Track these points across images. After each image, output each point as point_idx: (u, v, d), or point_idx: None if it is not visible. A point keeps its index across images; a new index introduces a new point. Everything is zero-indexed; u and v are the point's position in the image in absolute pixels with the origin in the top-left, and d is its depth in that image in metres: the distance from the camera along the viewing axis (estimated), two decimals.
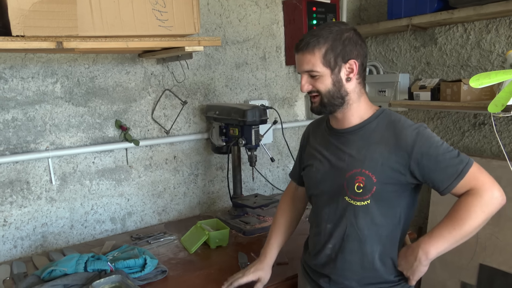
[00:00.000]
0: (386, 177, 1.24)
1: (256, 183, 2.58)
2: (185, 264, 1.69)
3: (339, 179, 1.31)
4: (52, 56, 1.87)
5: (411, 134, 1.23)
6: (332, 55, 1.25)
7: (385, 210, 1.27)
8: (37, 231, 1.91)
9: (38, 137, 1.88)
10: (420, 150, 1.21)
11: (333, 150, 1.35)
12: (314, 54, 1.25)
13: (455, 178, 1.19)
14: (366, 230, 1.28)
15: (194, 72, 2.28)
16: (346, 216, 1.30)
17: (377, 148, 1.26)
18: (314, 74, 1.27)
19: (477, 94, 2.04)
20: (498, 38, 2.16)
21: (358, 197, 1.27)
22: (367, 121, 1.31)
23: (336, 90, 1.28)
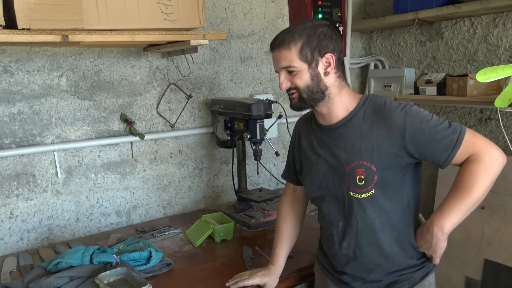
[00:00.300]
0: (385, 164, 1.24)
1: (261, 177, 2.59)
2: (190, 258, 1.70)
3: (340, 176, 1.31)
4: (58, 49, 1.88)
5: (399, 115, 1.22)
6: (309, 50, 1.24)
7: (391, 195, 1.27)
8: (43, 224, 1.93)
9: (44, 131, 1.89)
10: (412, 129, 1.21)
11: (327, 148, 1.34)
12: (290, 49, 1.24)
13: (452, 148, 1.19)
14: (377, 220, 1.28)
15: (199, 66, 2.28)
16: (354, 211, 1.30)
17: (369, 136, 1.25)
18: (291, 70, 1.26)
19: (483, 88, 2.03)
20: (506, 33, 2.15)
21: (361, 190, 1.27)
22: (354, 112, 1.30)
23: (315, 84, 1.27)
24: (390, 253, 1.30)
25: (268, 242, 1.81)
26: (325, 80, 1.27)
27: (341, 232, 1.35)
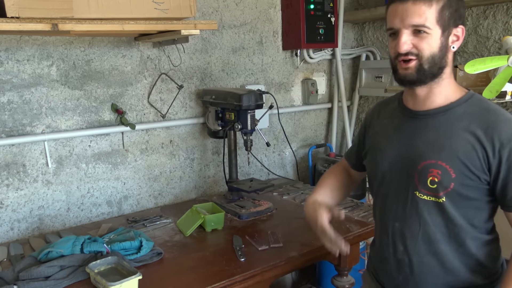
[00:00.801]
0: (466, 174, 1.07)
1: (252, 167, 2.60)
2: (180, 247, 1.71)
3: (410, 170, 1.14)
4: (48, 38, 1.86)
5: (508, 130, 1.04)
6: (448, 13, 1.05)
7: (466, 209, 1.11)
8: (34, 214, 1.93)
9: (34, 120, 1.88)
10: (511, 153, 1.03)
11: (405, 135, 1.18)
12: (431, 5, 1.03)
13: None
14: (444, 229, 1.13)
15: (190, 56, 2.27)
16: (418, 213, 1.15)
17: (460, 137, 1.08)
18: (422, 30, 1.04)
19: (472, 80, 2.05)
20: (495, 24, 2.16)
21: (431, 193, 1.11)
22: (454, 104, 1.11)
23: (441, 56, 1.08)
24: (453, 266, 1.15)
25: (258, 232, 1.82)
26: (449, 55, 1.10)
27: (397, 233, 1.20)
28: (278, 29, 2.60)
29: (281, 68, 2.65)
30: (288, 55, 2.67)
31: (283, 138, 2.69)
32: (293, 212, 2.05)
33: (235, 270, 1.50)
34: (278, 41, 2.61)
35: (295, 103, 2.77)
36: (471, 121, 1.09)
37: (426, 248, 1.15)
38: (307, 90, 2.74)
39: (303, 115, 2.81)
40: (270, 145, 2.15)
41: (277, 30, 2.59)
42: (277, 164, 2.73)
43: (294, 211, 2.06)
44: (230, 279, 1.45)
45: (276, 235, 1.77)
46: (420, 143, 1.14)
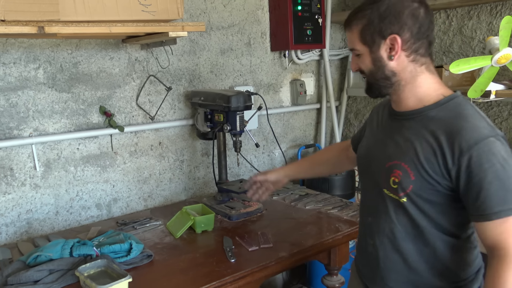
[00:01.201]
0: (425, 177, 1.08)
1: (241, 168, 2.60)
2: (170, 249, 1.71)
3: (380, 168, 1.18)
4: (34, 41, 1.85)
5: (470, 138, 1.02)
6: (369, 32, 1.11)
7: (427, 213, 1.12)
8: (22, 218, 1.91)
9: (21, 124, 1.86)
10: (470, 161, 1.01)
11: (384, 134, 1.23)
12: (352, 31, 1.15)
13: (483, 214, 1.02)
14: (410, 229, 1.15)
15: (178, 58, 2.27)
16: (386, 210, 1.18)
17: (425, 141, 1.09)
18: (356, 53, 1.17)
19: (458, 80, 2.08)
20: (479, 25, 2.20)
21: (394, 193, 1.14)
22: (427, 108, 1.12)
23: (377, 69, 1.14)
24: (417, 267, 1.16)
25: (249, 233, 1.83)
26: (391, 65, 1.12)
27: (369, 228, 1.25)
28: (266, 31, 2.61)
29: (270, 69, 2.66)
30: (276, 56, 2.68)
31: (272, 139, 2.70)
32: (283, 212, 2.06)
33: (226, 271, 1.51)
34: (266, 42, 2.62)
35: (284, 103, 2.78)
36: (438, 125, 1.08)
37: (391, 245, 1.18)
38: (295, 90, 2.75)
39: (292, 116, 2.82)
40: (259, 146, 2.16)
41: (265, 32, 2.60)
42: (267, 165, 2.74)
43: (284, 211, 2.07)
44: (221, 280, 1.46)
45: (266, 235, 1.78)
46: (392, 143, 1.17)
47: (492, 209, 1.01)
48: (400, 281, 1.20)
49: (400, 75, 1.13)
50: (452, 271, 1.16)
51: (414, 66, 1.13)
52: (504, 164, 1.01)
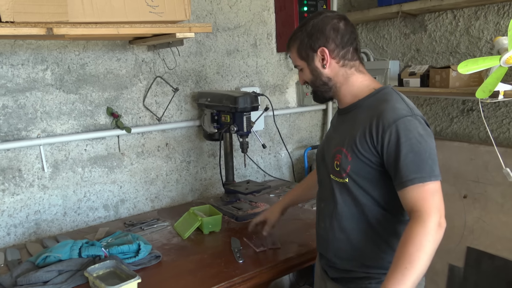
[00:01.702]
0: (360, 156, 1.23)
1: (248, 169, 2.60)
2: (178, 250, 1.71)
3: (327, 157, 1.36)
4: (42, 42, 1.86)
5: (390, 117, 1.18)
6: (303, 48, 1.33)
7: (369, 190, 1.26)
8: (30, 219, 1.92)
9: (29, 125, 1.87)
10: (390, 137, 1.17)
11: (333, 130, 1.42)
12: (291, 51, 1.38)
13: (402, 181, 1.15)
14: (354, 208, 1.28)
15: (185, 59, 2.27)
16: (332, 194, 1.32)
17: (358, 126, 1.25)
18: (299, 68, 1.38)
19: (465, 80, 2.07)
20: (487, 25, 2.19)
21: (337, 175, 1.29)
22: (362, 100, 1.31)
23: (315, 78, 1.35)
24: (359, 243, 1.29)
25: (256, 233, 1.83)
26: (326, 72, 1.33)
27: (322, 212, 1.40)
28: (272, 32, 2.61)
29: (276, 70, 2.66)
30: (282, 57, 2.68)
31: (278, 139, 2.70)
32: (290, 213, 2.05)
33: (234, 272, 1.51)
34: (272, 43, 2.62)
35: (290, 104, 2.78)
36: (368, 112, 1.26)
37: (338, 225, 1.32)
38: (301, 91, 2.75)
39: (298, 117, 2.82)
40: (266, 147, 2.16)
41: (271, 33, 2.60)
42: (273, 166, 2.74)
43: (291, 212, 2.06)
44: (229, 281, 1.46)
45: (273, 236, 1.77)
46: (336, 134, 1.36)
47: (408, 177, 1.15)
48: (349, 259, 1.32)
49: (335, 79, 1.33)
50: (393, 247, 1.25)
51: (345, 69, 1.32)
52: (419, 139, 1.16)
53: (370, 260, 1.30)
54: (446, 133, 2.40)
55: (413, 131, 1.17)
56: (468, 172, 2.12)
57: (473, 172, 2.11)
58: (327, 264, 1.41)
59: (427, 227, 1.11)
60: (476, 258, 2.07)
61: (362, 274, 1.31)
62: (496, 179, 2.02)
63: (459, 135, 2.34)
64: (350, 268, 1.33)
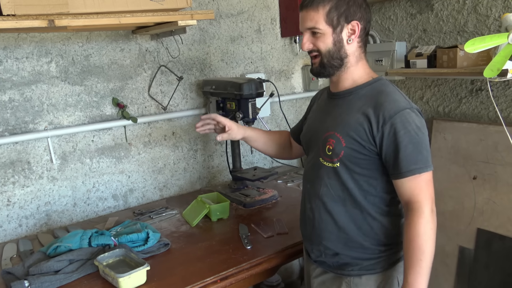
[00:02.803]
0: (355, 144, 1.24)
1: (255, 156, 2.60)
2: (187, 237, 1.73)
3: (318, 140, 1.34)
4: (45, 35, 1.86)
5: (391, 109, 1.20)
6: (336, 14, 1.24)
7: (356, 176, 1.27)
8: (41, 210, 1.94)
9: (36, 117, 1.89)
10: (391, 129, 1.19)
11: (322, 112, 1.40)
12: (318, 11, 1.25)
13: (401, 172, 1.20)
14: (340, 192, 1.30)
15: (189, 47, 2.26)
16: (320, 177, 1.33)
17: (354, 114, 1.26)
18: (316, 31, 1.26)
19: (473, 60, 2.03)
20: (495, 2, 2.14)
21: (329, 159, 1.30)
22: (359, 87, 1.31)
23: (336, 50, 1.27)
24: (345, 225, 1.31)
25: (264, 220, 1.84)
26: (347, 47, 1.28)
27: (307, 193, 1.40)
28: (276, 16, 2.58)
29: (281, 56, 2.64)
30: (287, 42, 2.65)
31: (285, 125, 2.69)
32: (297, 199, 2.04)
33: (242, 258, 1.52)
34: (277, 28, 2.60)
35: (296, 90, 2.76)
36: (366, 101, 1.26)
37: (323, 207, 1.33)
38: (307, 76, 2.73)
39: (304, 102, 2.80)
40: None
41: (275, 18, 2.58)
42: None
43: (298, 198, 2.05)
44: (237, 267, 1.47)
45: (281, 222, 1.78)
46: (329, 118, 1.34)
47: (406, 168, 1.19)
48: (331, 240, 1.34)
49: (349, 57, 1.30)
50: (377, 233, 1.31)
51: (359, 52, 1.31)
52: (417, 131, 1.20)
53: (352, 243, 1.32)
54: (455, 114, 2.36)
55: (411, 124, 1.20)
56: (478, 153, 2.10)
57: (482, 153, 2.08)
58: (310, 246, 1.43)
59: (426, 217, 1.19)
60: (487, 239, 2.05)
61: (347, 259, 1.34)
62: (506, 159, 1.99)
63: (468, 115, 2.31)
64: (332, 250, 1.35)
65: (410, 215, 1.21)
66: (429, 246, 1.19)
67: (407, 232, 1.21)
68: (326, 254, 1.37)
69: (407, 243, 1.21)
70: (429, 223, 1.19)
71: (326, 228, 1.34)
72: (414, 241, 1.19)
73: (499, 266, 2.00)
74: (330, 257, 1.36)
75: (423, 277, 1.19)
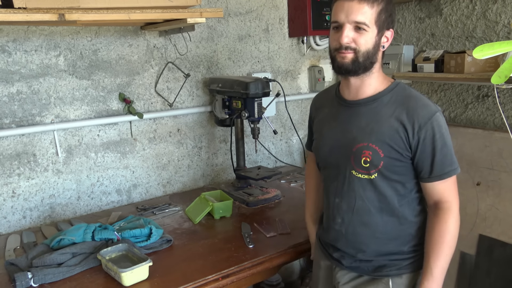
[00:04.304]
0: (393, 152, 1.23)
1: (259, 155, 2.61)
2: (189, 234, 1.73)
3: (346, 153, 1.29)
4: (55, 28, 1.87)
5: (425, 114, 1.21)
6: (384, 16, 1.21)
7: (393, 184, 1.27)
8: (45, 202, 1.96)
9: (43, 110, 1.90)
10: (426, 133, 1.20)
11: (342, 122, 1.33)
12: (372, 7, 1.18)
13: (438, 174, 1.23)
14: (377, 202, 1.28)
15: (196, 45, 2.27)
16: (354, 190, 1.30)
17: (386, 122, 1.24)
18: (362, 27, 1.18)
19: (481, 65, 2.03)
20: (504, 8, 2.13)
21: (365, 171, 1.26)
22: (381, 94, 1.28)
23: (373, 53, 1.23)
24: (382, 235, 1.30)
25: (266, 219, 1.84)
26: (379, 53, 1.26)
27: (336, 208, 1.35)
28: (284, 16, 2.58)
29: (288, 56, 2.64)
30: (294, 42, 2.65)
31: (290, 125, 2.69)
32: (300, 199, 2.06)
33: (244, 256, 1.53)
34: (284, 28, 2.60)
35: (302, 90, 2.76)
36: (396, 107, 1.25)
37: (360, 219, 1.31)
38: (313, 77, 2.73)
39: (310, 103, 2.79)
40: (277, 133, 2.16)
41: (283, 17, 2.58)
42: (284, 152, 2.74)
43: (301, 198, 2.07)
44: (239, 265, 1.47)
45: (284, 222, 1.79)
46: (354, 129, 1.29)
47: (442, 171, 1.22)
48: (368, 250, 1.33)
49: (377, 63, 1.27)
50: (412, 234, 1.32)
51: (381, 59, 1.30)
52: (446, 134, 1.23)
53: (390, 249, 1.32)
54: (461, 119, 2.36)
55: (442, 127, 1.23)
56: (482, 159, 2.10)
57: (487, 159, 2.08)
58: (342, 256, 1.39)
59: (456, 216, 1.25)
60: (489, 246, 2.05)
61: (383, 262, 1.33)
62: (511, 166, 1.99)
63: (473, 121, 2.31)
64: (369, 258, 1.34)
65: (439, 214, 1.25)
66: (454, 243, 1.24)
67: (435, 229, 1.25)
68: (361, 260, 1.35)
69: (434, 239, 1.25)
70: (458, 221, 1.25)
71: (363, 241, 1.33)
72: (443, 237, 1.23)
73: (500, 273, 1.99)
74: (366, 263, 1.35)
75: (445, 271, 1.25)
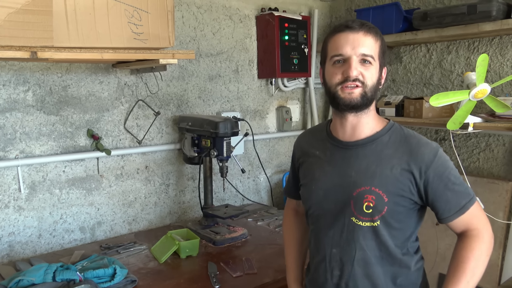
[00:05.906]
0: (398, 197, 1.16)
1: (227, 193, 2.62)
2: (155, 274, 1.71)
3: (345, 198, 1.20)
4: (25, 64, 1.87)
5: (429, 153, 1.16)
6: (383, 52, 1.20)
7: (395, 231, 1.20)
8: (4, 241, 1.89)
9: (8, 145, 1.86)
10: (434, 172, 1.15)
11: (338, 165, 1.24)
12: (377, 40, 1.18)
13: (456, 211, 1.17)
14: (378, 252, 1.20)
15: (167, 83, 2.31)
16: (354, 239, 1.20)
17: (389, 164, 1.17)
18: (368, 61, 1.16)
19: (438, 111, 2.16)
20: (458, 59, 2.30)
21: (367, 218, 1.18)
22: (380, 134, 1.22)
23: (376, 87, 1.19)
24: (384, 286, 1.22)
25: (233, 258, 1.84)
26: (378, 90, 1.22)
27: (334, 259, 1.25)
28: (254, 58, 2.67)
29: (257, 96, 2.72)
30: (263, 83, 2.74)
31: (258, 164, 2.73)
32: (267, 238, 2.08)
33: None
34: (254, 69, 2.68)
35: (270, 129, 2.83)
36: (397, 148, 1.19)
37: (361, 272, 1.21)
38: (281, 117, 2.81)
39: (277, 142, 2.87)
40: (245, 172, 2.19)
41: (252, 59, 2.67)
42: (252, 190, 2.76)
43: (268, 237, 2.09)
44: None
45: (250, 261, 1.79)
46: (353, 172, 1.21)
47: (461, 204, 1.17)
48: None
49: (374, 101, 1.22)
50: (412, 280, 1.24)
51: None
52: (452, 166, 1.19)
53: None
54: None
55: (447, 161, 1.20)
56: None
57: None
58: None
59: (486, 243, 1.17)
60: None
61: None
62: None
63: None
64: None
65: (469, 241, 1.17)
66: (480, 271, 1.16)
67: (461, 253, 1.17)
68: None
69: (458, 262, 1.17)
70: (488, 250, 1.17)
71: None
72: (467, 263, 1.15)
73: None
74: None
75: None
